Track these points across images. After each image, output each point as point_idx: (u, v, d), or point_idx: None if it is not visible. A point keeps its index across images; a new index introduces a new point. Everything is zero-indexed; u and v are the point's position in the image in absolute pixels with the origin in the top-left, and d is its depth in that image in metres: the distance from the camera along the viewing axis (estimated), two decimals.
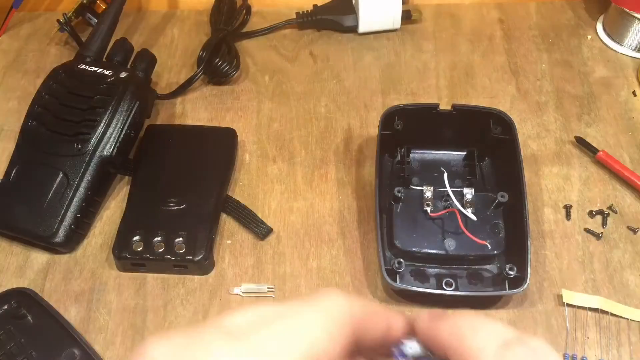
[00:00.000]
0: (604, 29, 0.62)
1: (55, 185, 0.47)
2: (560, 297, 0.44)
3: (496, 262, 0.46)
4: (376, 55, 0.61)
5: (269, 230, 0.48)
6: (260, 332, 0.22)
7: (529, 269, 0.42)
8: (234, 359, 0.20)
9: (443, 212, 0.46)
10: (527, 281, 0.42)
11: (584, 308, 0.44)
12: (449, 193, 0.46)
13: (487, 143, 0.49)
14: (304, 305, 0.24)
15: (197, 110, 0.57)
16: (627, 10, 0.58)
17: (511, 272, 0.42)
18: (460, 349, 0.22)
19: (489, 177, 0.50)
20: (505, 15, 0.64)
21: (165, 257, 0.45)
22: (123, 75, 0.50)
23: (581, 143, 0.53)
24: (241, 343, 0.21)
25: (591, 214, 0.49)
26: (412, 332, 0.26)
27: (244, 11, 0.63)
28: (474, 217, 0.45)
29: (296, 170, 0.52)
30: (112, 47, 0.54)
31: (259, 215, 0.49)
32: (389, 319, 0.27)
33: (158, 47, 0.62)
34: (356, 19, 0.61)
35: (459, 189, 0.47)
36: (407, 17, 0.62)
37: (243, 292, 0.45)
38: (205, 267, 0.46)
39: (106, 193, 0.51)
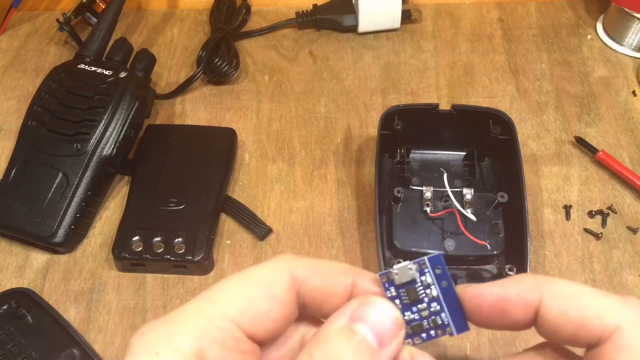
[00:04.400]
0: (604, 29, 0.62)
1: (54, 185, 0.47)
2: None
3: (496, 262, 0.46)
4: (376, 54, 0.61)
5: (269, 231, 0.48)
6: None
7: (528, 269, 0.42)
8: None
9: (443, 212, 0.46)
10: None
11: None
12: (449, 193, 0.46)
13: (486, 143, 0.49)
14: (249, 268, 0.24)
15: (197, 110, 0.57)
16: (627, 10, 0.58)
17: (511, 273, 0.42)
18: None
19: (488, 177, 0.50)
20: (505, 14, 0.64)
21: (165, 257, 0.45)
22: (123, 75, 0.50)
23: (581, 143, 0.53)
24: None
25: (591, 214, 0.49)
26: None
27: (244, 11, 0.63)
28: (473, 218, 0.45)
29: (296, 170, 0.52)
30: (111, 46, 0.54)
31: (259, 215, 0.49)
32: (351, 277, 0.25)
33: (158, 46, 0.62)
34: (356, 19, 0.61)
35: (459, 189, 0.47)
36: (407, 16, 0.62)
37: None
38: (205, 267, 0.46)
39: (106, 193, 0.51)
